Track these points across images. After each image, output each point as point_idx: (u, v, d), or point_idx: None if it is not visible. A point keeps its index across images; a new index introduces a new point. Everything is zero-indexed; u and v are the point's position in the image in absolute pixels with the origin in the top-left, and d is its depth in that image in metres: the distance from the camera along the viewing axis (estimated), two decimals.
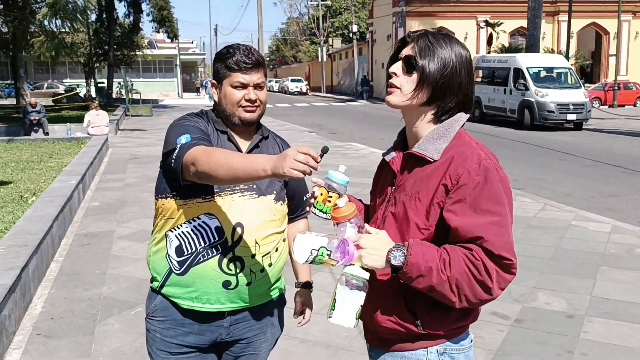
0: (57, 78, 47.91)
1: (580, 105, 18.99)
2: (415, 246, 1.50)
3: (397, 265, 1.49)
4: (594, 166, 11.65)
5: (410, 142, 1.68)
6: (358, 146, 14.10)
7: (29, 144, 14.11)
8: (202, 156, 1.73)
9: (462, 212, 1.50)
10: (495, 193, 1.51)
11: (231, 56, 2.00)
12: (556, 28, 37.59)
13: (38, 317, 4.24)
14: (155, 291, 2.08)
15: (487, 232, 1.48)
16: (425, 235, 1.57)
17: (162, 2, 34.50)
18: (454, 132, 1.60)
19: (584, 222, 6.84)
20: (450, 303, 1.51)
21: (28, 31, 21.35)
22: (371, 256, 1.50)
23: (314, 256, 1.52)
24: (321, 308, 2.28)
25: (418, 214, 1.57)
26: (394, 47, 1.68)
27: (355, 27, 47.56)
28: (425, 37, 1.59)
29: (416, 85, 1.58)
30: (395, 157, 1.70)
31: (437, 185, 1.55)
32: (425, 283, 1.49)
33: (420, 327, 1.59)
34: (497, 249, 1.47)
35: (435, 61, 1.56)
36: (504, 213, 1.51)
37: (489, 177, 1.51)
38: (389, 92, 1.63)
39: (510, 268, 1.49)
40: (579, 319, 4.13)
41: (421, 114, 1.62)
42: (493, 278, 1.47)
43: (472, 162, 1.52)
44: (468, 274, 1.47)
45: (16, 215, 6.29)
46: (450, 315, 1.59)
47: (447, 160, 1.56)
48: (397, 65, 1.61)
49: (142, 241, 6.14)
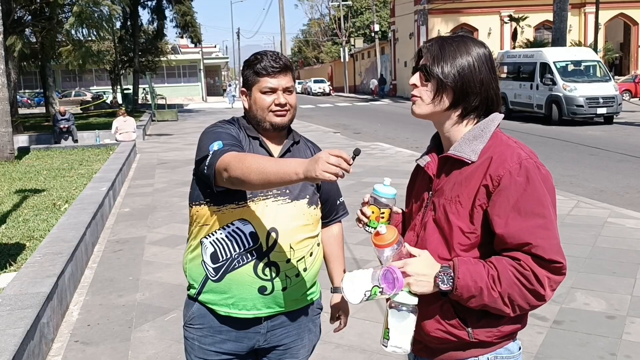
0: (84, 86, 48.83)
1: (611, 98, 18.60)
2: (462, 266, 1.48)
3: (446, 290, 1.48)
4: (627, 161, 11.38)
5: (445, 146, 1.67)
6: (384, 146, 14.01)
7: (60, 151, 14.39)
8: (235, 162, 1.74)
9: (507, 216, 1.47)
10: (539, 194, 1.48)
11: (259, 62, 2.01)
12: (583, 20, 36.93)
13: (75, 324, 4.30)
14: (193, 299, 2.08)
15: (535, 237, 1.45)
16: (471, 239, 1.54)
17: (185, 8, 34.85)
18: (490, 133, 1.58)
19: (620, 219, 6.68)
20: (505, 314, 1.50)
21: (56, 41, 21.76)
22: (419, 282, 1.49)
23: (368, 296, 1.50)
24: (354, 312, 2.26)
25: (460, 217, 1.54)
26: (413, 59, 1.69)
27: (377, 26, 47.44)
28: (437, 43, 1.60)
29: (435, 92, 1.58)
30: (430, 161, 1.68)
31: (478, 186, 1.52)
32: (478, 302, 1.48)
33: (471, 335, 1.55)
34: (547, 254, 1.44)
35: (449, 64, 1.55)
36: (549, 214, 1.48)
37: (530, 177, 1.48)
38: (413, 102, 1.64)
39: (561, 270, 1.47)
40: (620, 320, 4.02)
41: (448, 117, 1.61)
42: (545, 285, 1.45)
43: (512, 163, 1.49)
44: (519, 286, 1.45)
45: (50, 222, 6.40)
46: (502, 322, 1.55)
47: (486, 160, 1.53)
48: (415, 76, 1.62)
49: (174, 246, 6.19)
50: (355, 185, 8.83)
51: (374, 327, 3.93)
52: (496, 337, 1.56)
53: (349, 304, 1.56)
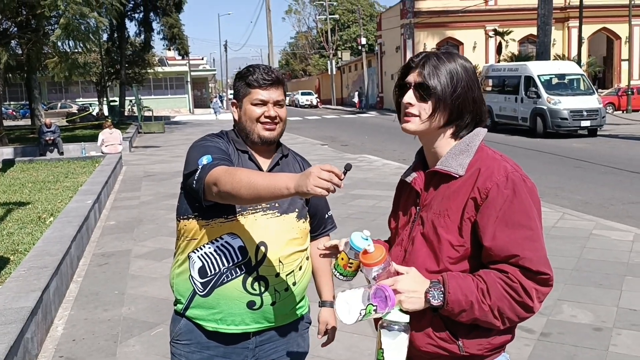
0: (70, 98, 48.52)
1: (594, 111, 18.84)
2: (451, 281, 1.49)
3: (437, 305, 1.49)
4: (612, 173, 11.52)
5: (430, 161, 1.68)
6: (371, 158, 14.05)
7: (45, 164, 14.25)
8: (224, 176, 1.73)
9: (494, 228, 1.48)
10: (525, 206, 1.50)
11: (251, 74, 2.02)
12: (566, 34, 37.47)
13: (60, 339, 4.23)
14: (180, 314, 2.06)
15: (522, 249, 1.47)
16: (460, 252, 1.55)
17: (172, 20, 34.85)
18: (475, 147, 1.60)
19: (605, 231, 6.74)
20: (495, 327, 1.51)
21: (42, 53, 21.63)
22: (410, 299, 1.49)
23: (362, 316, 1.49)
24: (343, 326, 2.26)
25: (449, 231, 1.55)
26: (398, 73, 1.67)
27: (364, 39, 47.76)
28: (430, 60, 1.59)
29: (433, 110, 1.58)
30: (416, 177, 1.69)
31: (466, 199, 1.53)
32: (468, 316, 1.49)
33: (462, 348, 1.55)
34: (535, 265, 1.46)
35: (447, 83, 1.56)
36: (535, 226, 1.50)
37: (517, 189, 1.51)
38: (406, 121, 1.62)
39: (549, 281, 1.49)
40: (607, 332, 4.04)
41: (440, 134, 1.62)
42: (533, 297, 1.47)
43: (499, 176, 1.51)
44: (508, 299, 1.47)
45: (35, 236, 6.32)
46: (492, 334, 1.56)
47: (473, 173, 1.55)
48: (410, 94, 1.60)
49: (160, 260, 6.14)
50: (343, 198, 8.84)
51: (362, 340, 3.92)
52: (487, 350, 1.57)
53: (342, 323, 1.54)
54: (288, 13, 77.60)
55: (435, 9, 36.40)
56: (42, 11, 16.70)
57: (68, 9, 15.82)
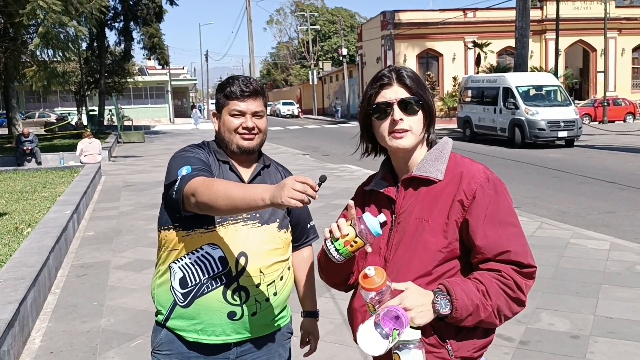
0: (48, 107, 47.98)
1: (571, 122, 19.16)
2: (455, 287, 1.51)
3: (446, 314, 1.50)
4: (588, 183, 11.71)
5: (401, 171, 1.71)
6: (353, 168, 14.12)
7: (22, 174, 14.04)
8: (202, 187, 1.74)
9: (484, 227, 1.54)
10: (508, 203, 1.59)
11: (230, 85, 2.04)
12: (543, 46, 38.10)
13: (37, 352, 4.16)
14: (160, 325, 2.05)
15: (512, 244, 1.54)
16: (446, 254, 1.58)
17: (152, 30, 34.66)
18: (448, 153, 1.67)
19: (582, 240, 6.85)
20: (493, 326, 1.57)
21: (20, 61, 21.38)
22: (421, 314, 1.48)
23: (391, 342, 1.42)
24: (324, 335, 2.27)
25: (435, 234, 1.58)
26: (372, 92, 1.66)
27: (345, 50, 48.12)
28: (406, 74, 1.65)
29: (424, 122, 1.66)
30: (388, 186, 1.71)
31: (451, 202, 1.58)
32: (474, 320, 1.52)
33: (451, 352, 1.57)
34: (525, 259, 1.54)
35: (426, 92, 1.65)
36: (518, 222, 1.59)
37: (497, 188, 1.59)
38: (398, 137, 1.62)
39: (533, 274, 1.57)
40: (584, 339, 4.10)
41: (419, 144, 1.68)
42: (524, 291, 1.54)
43: (480, 177, 1.58)
44: (504, 296, 1.52)
45: (12, 247, 6.23)
46: (476, 335, 1.59)
47: (455, 176, 1.60)
48: (398, 111, 1.62)
49: (139, 271, 6.08)
50: (325, 208, 8.86)
51: (343, 350, 3.92)
52: (475, 350, 1.60)
53: (370, 356, 1.48)
54: (269, 23, 77.99)
55: (415, 21, 36.78)
56: (21, 20, 16.51)
57: (47, 17, 15.66)
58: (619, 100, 31.89)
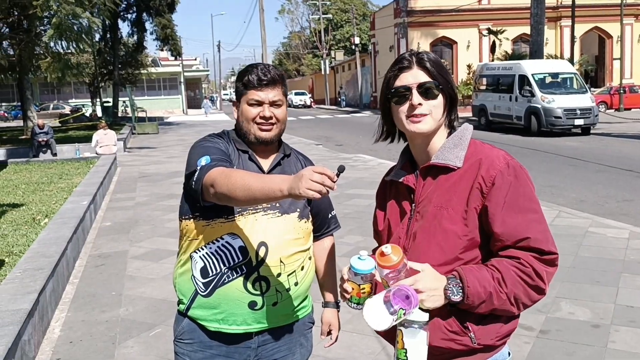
0: (62, 99, 48.32)
1: (588, 110, 18.93)
2: (468, 275, 1.49)
3: (457, 301, 1.49)
4: (605, 171, 11.57)
5: (420, 159, 1.68)
6: (366, 157, 14.07)
7: (38, 165, 14.18)
8: (221, 178, 1.72)
9: (503, 214, 1.51)
10: (528, 189, 1.55)
11: (248, 74, 2.01)
12: (559, 33, 37.61)
13: (57, 341, 4.20)
14: (182, 314, 2.06)
15: (532, 231, 1.51)
16: (466, 242, 1.55)
17: (165, 21, 34.74)
18: (467, 140, 1.64)
19: (601, 229, 6.77)
20: (511, 314, 1.54)
21: (34, 53, 21.49)
22: (432, 298, 1.48)
23: (395, 319, 1.45)
24: (342, 324, 2.26)
25: (454, 222, 1.56)
26: (390, 75, 1.65)
27: (357, 39, 47.77)
28: (427, 57, 1.62)
29: (444, 106, 1.62)
30: (406, 174, 1.69)
31: (470, 189, 1.55)
32: (488, 307, 1.50)
33: (474, 339, 1.55)
34: (546, 245, 1.51)
35: (448, 76, 1.62)
36: (539, 209, 1.56)
37: (518, 175, 1.55)
38: (416, 121, 1.60)
39: (555, 261, 1.54)
40: (605, 329, 4.05)
41: (439, 129, 1.65)
42: (544, 279, 1.51)
43: (500, 163, 1.55)
44: (522, 284, 1.49)
45: (30, 237, 6.28)
46: (500, 322, 1.57)
47: (474, 163, 1.57)
48: (417, 95, 1.59)
49: (157, 261, 6.11)
50: (339, 197, 8.83)
51: (362, 339, 3.92)
52: (497, 339, 1.58)
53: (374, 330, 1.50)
54: (281, 13, 77.70)
55: (428, 8, 36.44)
56: (34, 11, 16.60)
57: (60, 9, 15.72)
58: (636, 88, 31.37)
